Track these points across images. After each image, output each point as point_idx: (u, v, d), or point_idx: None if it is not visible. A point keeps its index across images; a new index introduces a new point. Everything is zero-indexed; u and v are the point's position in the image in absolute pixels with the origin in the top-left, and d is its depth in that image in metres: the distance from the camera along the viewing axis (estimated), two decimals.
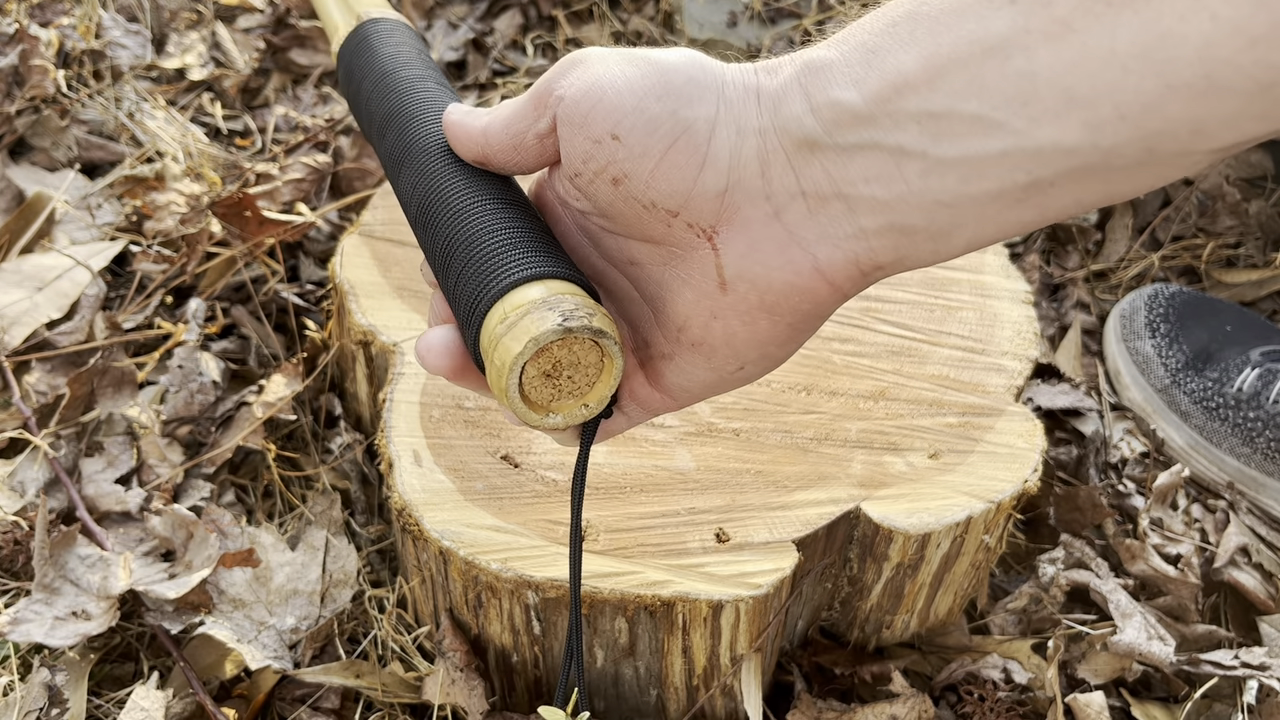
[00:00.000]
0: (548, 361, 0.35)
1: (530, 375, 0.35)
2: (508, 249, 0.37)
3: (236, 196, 0.87)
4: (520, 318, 0.34)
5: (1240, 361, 0.82)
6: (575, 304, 0.35)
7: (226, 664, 0.66)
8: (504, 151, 0.39)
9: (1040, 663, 0.68)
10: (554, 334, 0.34)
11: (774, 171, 0.33)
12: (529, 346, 0.34)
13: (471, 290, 0.36)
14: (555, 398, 0.37)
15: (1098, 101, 0.28)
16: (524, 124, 0.37)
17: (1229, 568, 0.74)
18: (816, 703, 0.64)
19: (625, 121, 0.34)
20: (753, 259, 0.34)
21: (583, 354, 0.36)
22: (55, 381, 0.81)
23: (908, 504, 0.60)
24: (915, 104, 0.30)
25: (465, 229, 0.38)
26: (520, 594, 0.57)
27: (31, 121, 1.03)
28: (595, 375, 0.37)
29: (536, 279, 0.35)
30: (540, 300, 0.34)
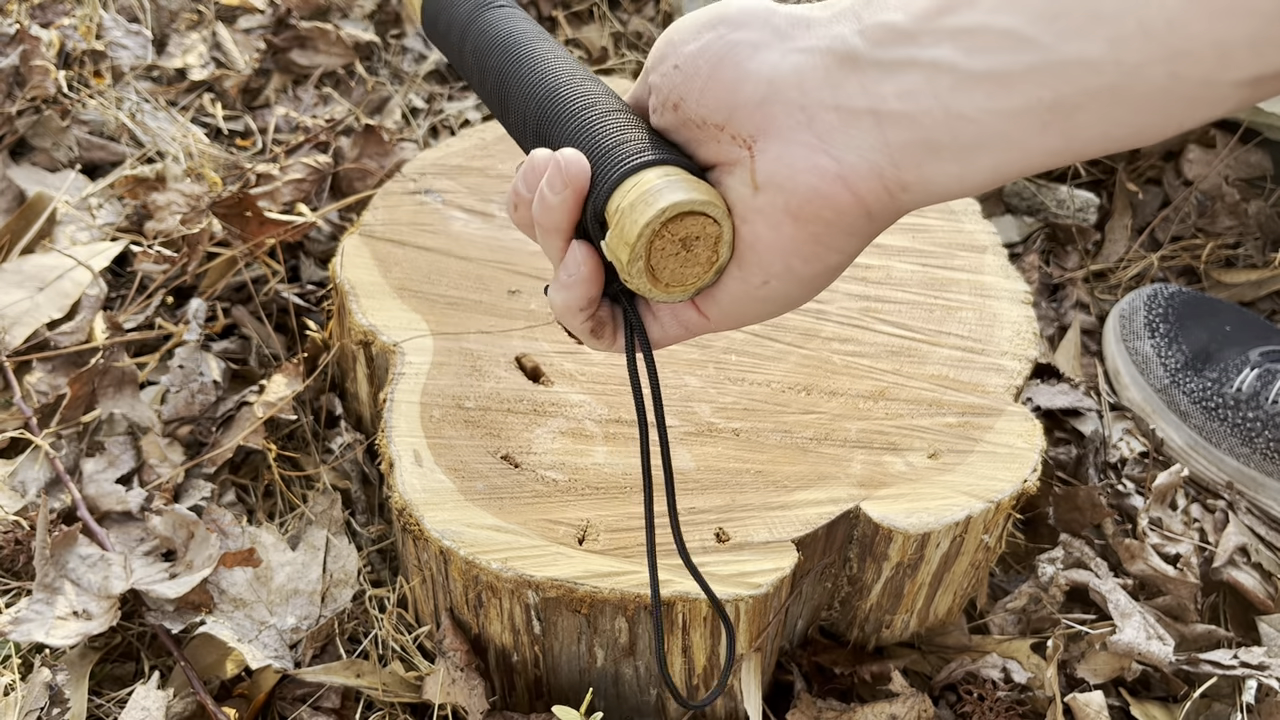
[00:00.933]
0: (671, 236, 0.39)
1: (657, 248, 0.39)
2: (634, 138, 0.41)
3: (237, 197, 0.88)
4: (643, 194, 0.38)
5: (1239, 361, 0.82)
6: (691, 184, 0.39)
7: (227, 663, 0.66)
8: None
9: (1040, 662, 0.68)
10: (674, 209, 0.38)
11: (811, 86, 0.36)
12: (654, 218, 0.38)
13: (606, 154, 0.40)
14: (680, 272, 0.40)
15: (1122, 16, 0.29)
16: (639, 88, 0.43)
17: (1228, 567, 0.74)
18: (816, 702, 0.64)
19: (684, 50, 0.39)
20: (782, 162, 0.37)
21: (698, 226, 0.39)
22: (56, 381, 0.81)
23: (907, 504, 0.60)
24: (954, 21, 0.32)
25: (601, 121, 0.42)
26: (520, 594, 0.57)
27: (32, 122, 1.03)
28: (715, 245, 0.40)
29: (656, 164, 0.39)
30: (661, 180, 0.39)
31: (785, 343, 0.70)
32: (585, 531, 0.58)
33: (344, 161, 1.00)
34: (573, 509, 0.59)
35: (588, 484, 0.60)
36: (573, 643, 0.60)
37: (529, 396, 0.65)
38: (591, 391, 0.66)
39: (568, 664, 0.61)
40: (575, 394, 0.65)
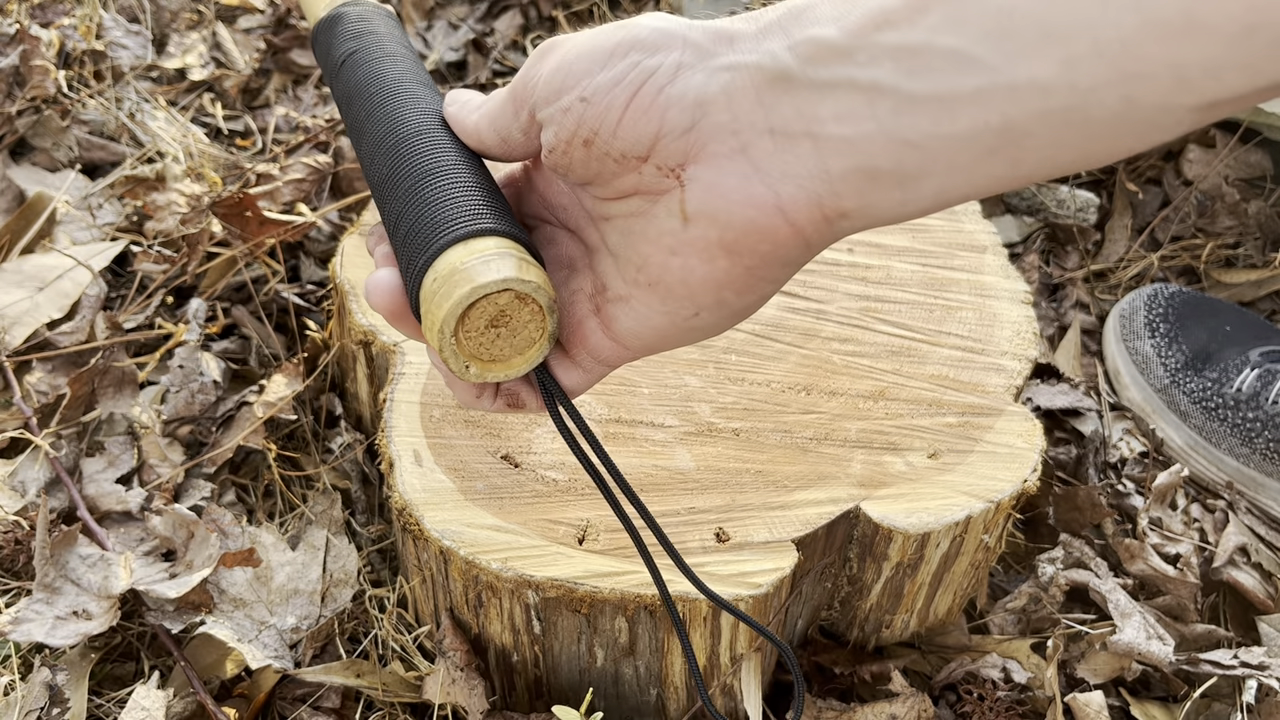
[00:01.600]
0: (483, 316, 0.37)
1: (465, 330, 0.37)
2: (450, 206, 0.38)
3: (237, 197, 0.88)
4: (451, 274, 0.36)
5: (1239, 362, 0.82)
6: (517, 259, 0.36)
7: (227, 663, 0.66)
8: (496, 148, 0.40)
9: (1040, 662, 0.68)
10: (484, 289, 0.36)
11: (742, 108, 0.33)
12: (462, 300, 0.35)
13: (413, 245, 0.38)
14: (495, 355, 0.38)
15: (1075, 35, 0.27)
16: (506, 121, 0.39)
17: (1228, 567, 0.74)
18: (816, 702, 0.64)
19: (591, 83, 0.35)
20: (715, 193, 0.34)
21: (517, 309, 0.37)
22: (56, 381, 0.81)
23: (907, 504, 0.60)
24: (894, 38, 0.30)
25: (418, 189, 0.39)
26: (520, 593, 0.57)
27: (32, 122, 1.03)
28: (539, 330, 0.38)
29: (480, 235, 0.37)
30: (478, 256, 0.36)
31: (785, 343, 0.70)
32: (585, 531, 0.58)
33: (344, 161, 1.00)
34: (573, 509, 0.59)
35: (588, 484, 0.60)
36: (573, 643, 0.60)
37: None
38: (591, 391, 0.66)
39: (568, 664, 0.61)
40: None
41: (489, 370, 0.38)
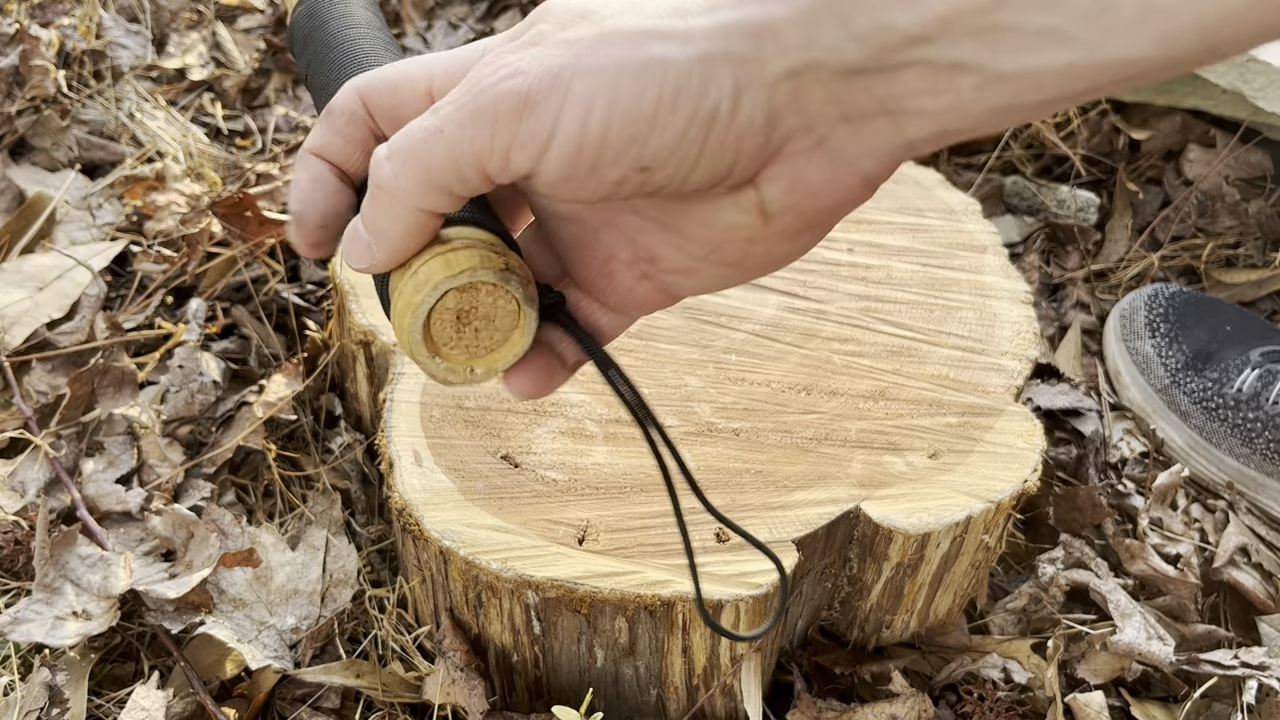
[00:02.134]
0: (453, 308, 0.34)
1: (436, 324, 0.35)
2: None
3: (237, 196, 0.87)
4: (425, 262, 0.34)
5: (1240, 362, 0.82)
6: (486, 250, 0.34)
7: (227, 664, 0.66)
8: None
9: (1040, 662, 0.68)
10: (454, 280, 0.33)
11: (813, 107, 0.31)
12: (430, 293, 0.33)
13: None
14: (463, 349, 0.36)
15: (1177, 11, 0.26)
16: (447, 186, 0.33)
17: (1228, 568, 0.74)
18: (816, 702, 0.64)
19: (646, 152, 0.31)
20: (799, 190, 0.33)
21: (490, 302, 0.35)
22: (56, 381, 0.81)
23: (907, 504, 0.60)
24: (980, 20, 0.28)
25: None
26: (520, 594, 0.57)
27: (32, 122, 1.03)
28: (512, 325, 0.36)
29: (446, 224, 0.34)
30: (443, 245, 0.34)
31: (785, 343, 0.69)
32: (585, 532, 0.58)
33: None
34: (573, 509, 0.59)
35: (588, 484, 0.60)
36: (573, 643, 0.59)
37: None
38: (591, 391, 0.66)
39: (568, 664, 0.61)
40: (575, 394, 0.65)
41: (489, 362, 0.36)
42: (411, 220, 0.33)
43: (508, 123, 0.31)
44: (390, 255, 0.34)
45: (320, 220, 0.37)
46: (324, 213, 0.37)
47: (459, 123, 0.31)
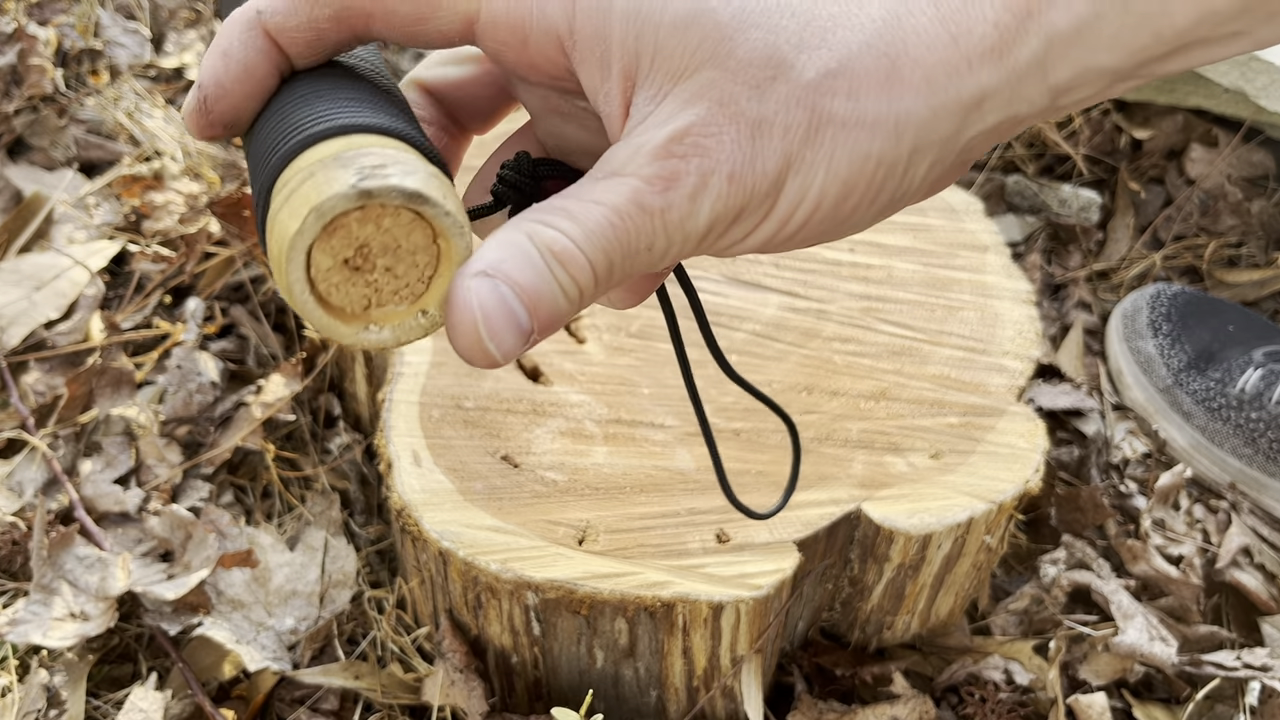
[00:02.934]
0: (347, 244, 0.26)
1: (324, 267, 0.26)
2: (310, 107, 0.28)
3: (235, 196, 0.87)
4: (301, 183, 0.25)
5: (1243, 361, 0.81)
6: (383, 158, 0.25)
7: (225, 665, 0.66)
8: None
9: (1042, 664, 0.67)
10: (344, 199, 0.25)
11: (1005, 132, 0.29)
12: (310, 221, 0.25)
13: (260, 165, 0.28)
14: (373, 300, 0.27)
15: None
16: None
17: (1231, 568, 0.74)
18: (817, 704, 0.64)
19: (857, 222, 0.29)
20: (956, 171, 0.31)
21: (403, 234, 0.26)
22: (53, 381, 0.81)
23: (909, 504, 0.60)
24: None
25: (276, 108, 0.29)
26: (520, 595, 0.56)
27: (30, 120, 1.03)
28: (431, 267, 0.27)
29: (335, 134, 0.26)
30: (332, 157, 0.25)
31: (786, 343, 0.69)
32: (585, 532, 0.57)
33: None
34: (572, 509, 0.58)
35: (587, 484, 0.60)
36: (572, 644, 0.59)
37: (528, 396, 0.65)
38: (591, 391, 0.65)
39: (567, 665, 0.61)
40: (575, 394, 0.65)
41: (424, 305, 0.28)
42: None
43: (721, 231, 0.29)
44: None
45: (233, 114, 0.30)
46: (240, 105, 0.30)
47: (668, 240, 0.28)
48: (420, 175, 0.26)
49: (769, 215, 0.28)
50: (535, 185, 0.32)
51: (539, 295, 0.27)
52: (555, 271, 0.27)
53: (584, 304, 0.28)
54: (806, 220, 0.28)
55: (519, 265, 0.27)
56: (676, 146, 0.27)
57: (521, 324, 0.27)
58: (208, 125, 0.30)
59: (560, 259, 0.27)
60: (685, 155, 0.27)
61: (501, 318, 0.26)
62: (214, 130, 0.30)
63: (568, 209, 0.28)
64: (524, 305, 0.27)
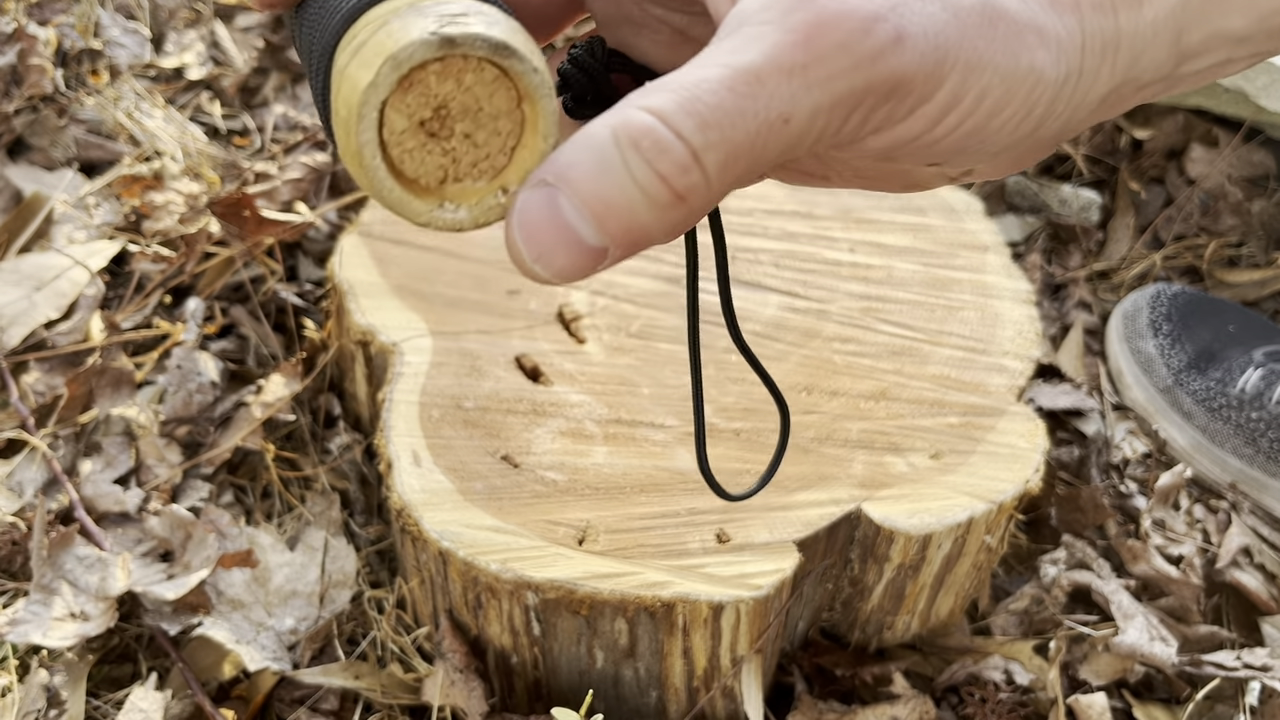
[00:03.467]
0: (424, 103, 0.23)
1: (399, 128, 0.23)
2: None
3: (235, 196, 0.87)
4: (373, 33, 0.22)
5: (1243, 361, 0.81)
6: (464, 6, 0.23)
7: (225, 665, 0.66)
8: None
9: (1042, 664, 0.67)
10: (424, 47, 0.22)
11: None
12: (385, 71, 0.22)
13: (320, 26, 0.24)
14: (450, 173, 0.24)
15: None
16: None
17: (1231, 569, 0.74)
18: (817, 704, 0.63)
19: (974, 148, 0.26)
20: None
21: (484, 94, 0.23)
22: (53, 381, 0.81)
23: (909, 504, 0.59)
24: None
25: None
26: (520, 595, 0.56)
27: (30, 120, 1.03)
28: (515, 135, 0.24)
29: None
30: (407, 5, 0.23)
31: (786, 343, 0.69)
32: (585, 532, 0.57)
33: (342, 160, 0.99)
34: (572, 510, 0.58)
35: (587, 484, 0.60)
36: (572, 644, 0.59)
37: (528, 396, 0.65)
38: (591, 391, 0.65)
39: (567, 666, 0.61)
40: (575, 394, 0.65)
41: (503, 182, 0.24)
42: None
43: (872, 106, 0.23)
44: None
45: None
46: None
47: (815, 108, 0.22)
48: (505, 26, 0.23)
49: (924, 103, 0.24)
50: (605, 74, 0.29)
51: (608, 202, 0.21)
52: (634, 167, 0.21)
53: (694, 208, 0.22)
54: (959, 122, 0.24)
55: (588, 166, 0.22)
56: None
57: (583, 239, 0.22)
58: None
59: (642, 148, 0.21)
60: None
61: (552, 233, 0.22)
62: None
63: (670, 81, 0.22)
64: (590, 216, 0.22)
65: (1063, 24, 0.24)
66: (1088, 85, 0.25)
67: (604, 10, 0.30)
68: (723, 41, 0.22)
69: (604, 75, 0.29)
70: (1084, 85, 0.25)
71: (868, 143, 0.25)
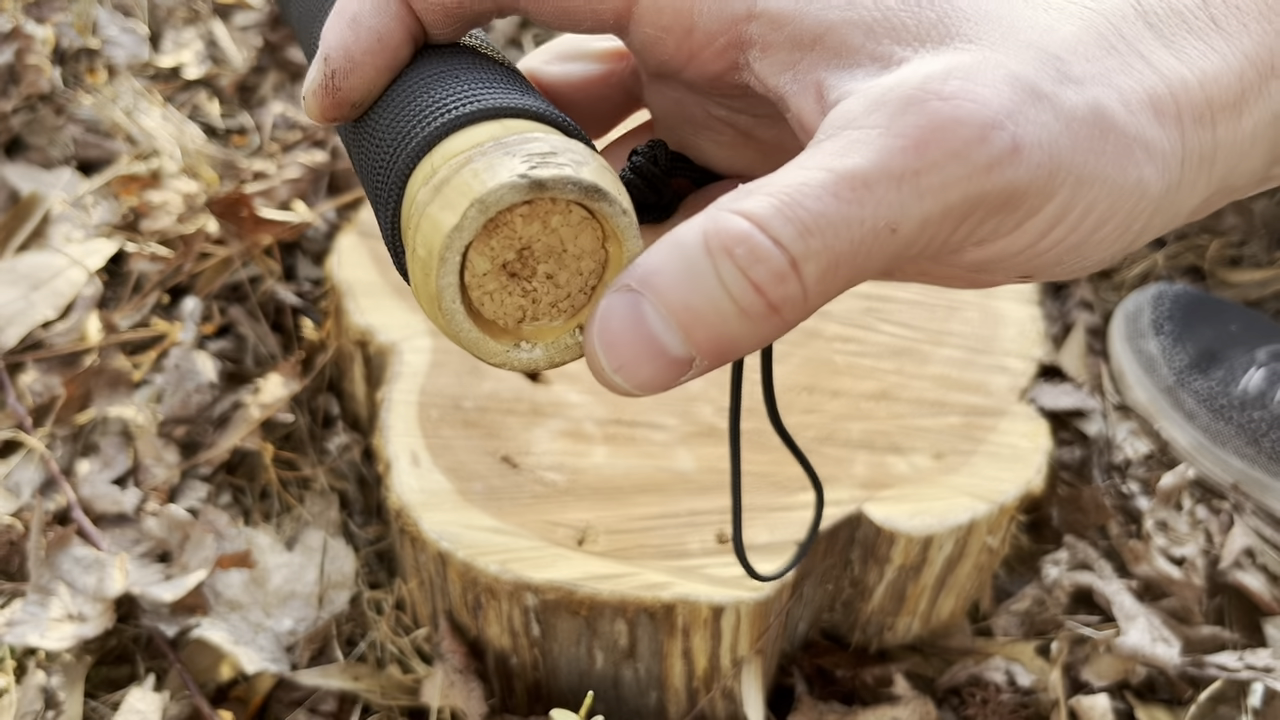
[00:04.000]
0: (509, 245, 0.22)
1: (481, 271, 0.22)
2: (450, 85, 0.24)
3: (233, 195, 0.87)
4: (456, 170, 0.22)
5: (1246, 361, 0.81)
6: (551, 145, 0.22)
7: (223, 666, 0.65)
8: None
9: (1044, 665, 0.67)
10: (513, 190, 0.21)
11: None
12: (472, 215, 0.21)
13: (388, 150, 0.24)
14: (528, 313, 0.23)
15: None
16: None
17: (1233, 570, 0.73)
18: (818, 705, 0.63)
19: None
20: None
21: (570, 235, 0.23)
22: (51, 382, 0.81)
23: (910, 505, 0.59)
24: None
25: (397, 87, 0.25)
26: (519, 596, 0.56)
27: (27, 119, 1.03)
28: (596, 275, 0.24)
29: (489, 116, 0.23)
30: (492, 142, 0.22)
31: (788, 343, 0.69)
32: (585, 533, 0.57)
33: (341, 159, 0.99)
34: (572, 510, 0.58)
35: (587, 485, 0.60)
36: (572, 646, 0.59)
37: (528, 397, 0.64)
38: (591, 392, 0.65)
39: (567, 667, 0.61)
40: (574, 394, 0.65)
41: (511, 346, 0.23)
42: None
43: (981, 218, 0.22)
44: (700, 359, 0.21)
45: (364, 90, 0.26)
46: (372, 79, 0.26)
47: (925, 218, 0.21)
48: (594, 166, 0.22)
49: (1032, 216, 0.22)
50: (667, 181, 0.28)
51: (696, 311, 0.20)
52: (726, 275, 0.20)
53: (788, 320, 0.21)
54: (1064, 237, 0.23)
55: (675, 272, 0.20)
56: (939, 85, 0.21)
57: (668, 350, 0.21)
58: (333, 105, 0.26)
59: (735, 255, 0.20)
60: (953, 98, 0.21)
61: (634, 344, 0.21)
62: (339, 111, 0.26)
63: (768, 184, 0.21)
64: (677, 325, 0.21)
65: (1166, 137, 0.23)
66: (1184, 197, 0.24)
67: (664, 109, 0.30)
68: (824, 143, 0.21)
69: (666, 182, 0.28)
70: (1181, 197, 0.24)
71: (967, 254, 0.23)
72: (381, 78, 0.26)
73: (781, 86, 0.24)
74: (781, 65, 0.24)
